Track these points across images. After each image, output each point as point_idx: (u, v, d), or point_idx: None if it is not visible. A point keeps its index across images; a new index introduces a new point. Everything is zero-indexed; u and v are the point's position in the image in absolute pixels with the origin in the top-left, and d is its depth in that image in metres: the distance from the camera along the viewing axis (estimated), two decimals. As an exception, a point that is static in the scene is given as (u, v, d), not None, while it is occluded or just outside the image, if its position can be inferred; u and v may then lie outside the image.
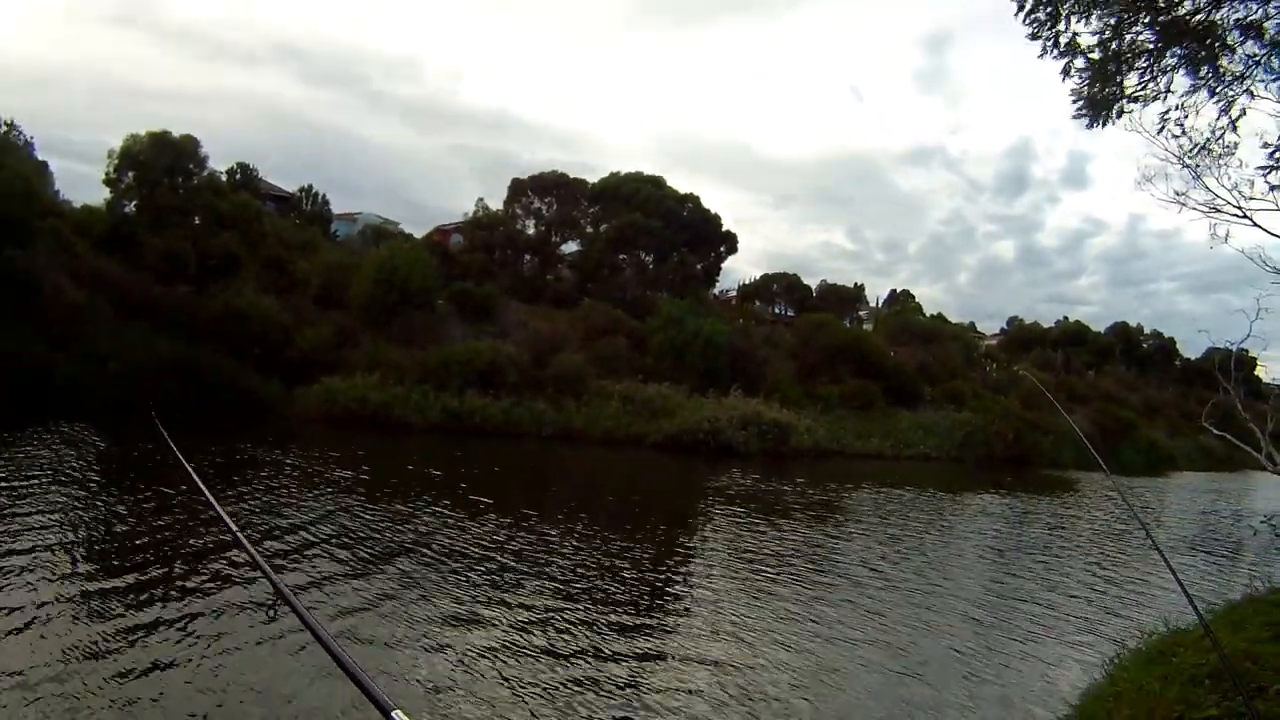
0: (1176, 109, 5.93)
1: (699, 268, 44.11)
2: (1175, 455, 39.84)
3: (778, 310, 54.29)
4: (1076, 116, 6.12)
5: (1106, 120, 6.03)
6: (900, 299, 66.47)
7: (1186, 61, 5.73)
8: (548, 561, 10.56)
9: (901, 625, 9.19)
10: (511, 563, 10.25)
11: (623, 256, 42.46)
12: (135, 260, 24.94)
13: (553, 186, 44.05)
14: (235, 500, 12.04)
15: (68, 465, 13.45)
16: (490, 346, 26.84)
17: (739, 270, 63.49)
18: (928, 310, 61.47)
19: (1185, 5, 5.60)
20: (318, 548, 10.04)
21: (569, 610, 8.60)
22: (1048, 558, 14.12)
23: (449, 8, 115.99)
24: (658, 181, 43.94)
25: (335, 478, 14.97)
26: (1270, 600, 7.64)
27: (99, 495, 11.67)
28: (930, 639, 8.81)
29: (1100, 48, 5.79)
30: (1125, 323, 65.19)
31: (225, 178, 31.91)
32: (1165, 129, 6.06)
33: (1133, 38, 5.76)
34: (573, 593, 9.30)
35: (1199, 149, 6.17)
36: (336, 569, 9.25)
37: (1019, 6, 5.77)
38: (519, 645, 7.41)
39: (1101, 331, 62.69)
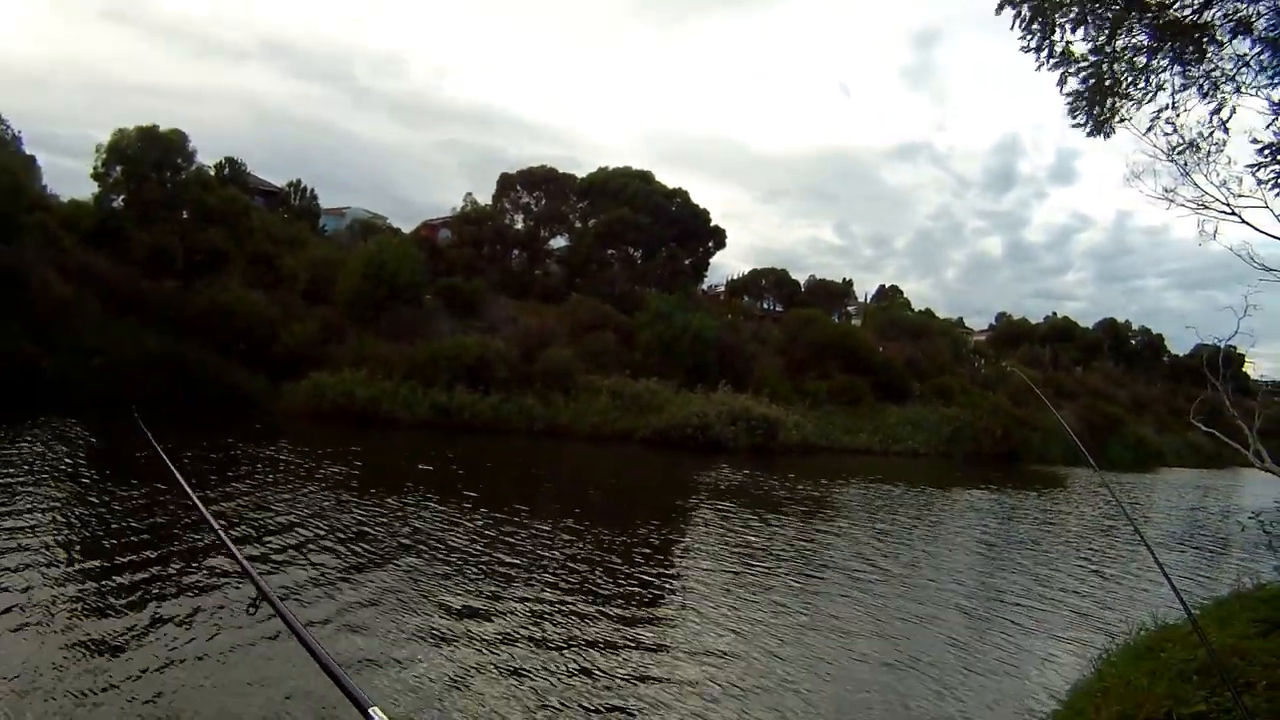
0: (1168, 108, 5.93)
1: (687, 263, 44.00)
2: (1163, 451, 40.16)
3: (766, 305, 54.24)
4: (1075, 126, 6.11)
5: (1110, 133, 6.03)
6: (888, 294, 66.43)
7: (1178, 60, 5.73)
8: (538, 556, 10.54)
9: (892, 619, 9.27)
10: (502, 557, 10.22)
11: (611, 251, 42.31)
12: (123, 255, 24.73)
13: (541, 181, 43.83)
14: (223, 498, 11.93)
15: (56, 461, 13.32)
16: (478, 342, 26.74)
17: (727, 265, 63.83)
18: (916, 306, 61.77)
19: (1178, 5, 5.59)
20: (307, 544, 9.97)
21: (559, 604, 8.59)
22: (1036, 553, 14.19)
23: (435, 3, 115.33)
24: (646, 176, 43.83)
25: (324, 473, 14.87)
26: (1258, 596, 7.70)
27: (89, 491, 11.53)
28: (920, 632, 8.87)
29: (1095, 53, 5.77)
30: (1113, 319, 65.45)
31: (213, 172, 31.67)
32: (1155, 127, 6.05)
33: (1126, 42, 5.75)
34: (563, 587, 9.29)
35: (1188, 146, 6.16)
36: (326, 565, 9.19)
37: (1013, 20, 5.72)
38: (510, 639, 7.40)
39: (1089, 327, 62.74)
